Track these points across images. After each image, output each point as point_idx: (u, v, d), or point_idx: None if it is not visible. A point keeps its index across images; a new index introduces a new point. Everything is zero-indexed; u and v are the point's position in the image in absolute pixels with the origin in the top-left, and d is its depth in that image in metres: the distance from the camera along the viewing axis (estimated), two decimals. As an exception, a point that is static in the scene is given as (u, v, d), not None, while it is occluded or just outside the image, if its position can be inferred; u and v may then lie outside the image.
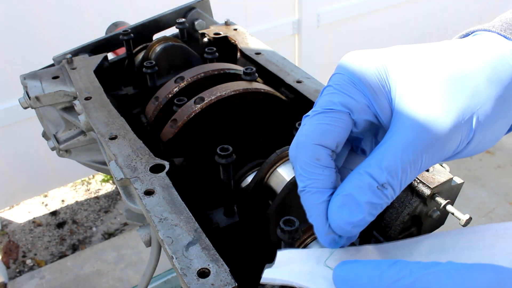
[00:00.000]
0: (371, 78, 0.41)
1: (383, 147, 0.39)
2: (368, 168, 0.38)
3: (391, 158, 0.38)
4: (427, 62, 0.41)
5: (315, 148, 0.40)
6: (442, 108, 0.39)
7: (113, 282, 2.16)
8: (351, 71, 0.41)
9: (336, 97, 0.41)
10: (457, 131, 0.39)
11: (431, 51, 0.43)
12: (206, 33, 1.04)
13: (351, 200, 0.38)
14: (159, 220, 0.55)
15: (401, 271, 0.33)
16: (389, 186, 0.38)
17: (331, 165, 0.40)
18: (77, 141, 0.95)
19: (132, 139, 0.72)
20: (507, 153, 2.85)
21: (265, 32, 2.73)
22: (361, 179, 0.38)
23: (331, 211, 0.39)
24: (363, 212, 0.38)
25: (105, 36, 1.06)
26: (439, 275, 0.32)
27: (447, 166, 0.66)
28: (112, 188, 2.70)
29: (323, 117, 0.40)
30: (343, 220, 0.38)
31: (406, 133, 0.38)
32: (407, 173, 0.38)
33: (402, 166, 0.38)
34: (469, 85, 0.40)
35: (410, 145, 0.38)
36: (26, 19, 2.02)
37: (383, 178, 0.37)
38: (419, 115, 0.39)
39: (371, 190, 0.37)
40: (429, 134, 0.38)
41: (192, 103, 0.75)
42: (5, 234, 2.44)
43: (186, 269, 0.48)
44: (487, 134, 0.41)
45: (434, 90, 0.40)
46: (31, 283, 2.16)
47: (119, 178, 0.63)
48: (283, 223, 0.48)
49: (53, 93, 0.87)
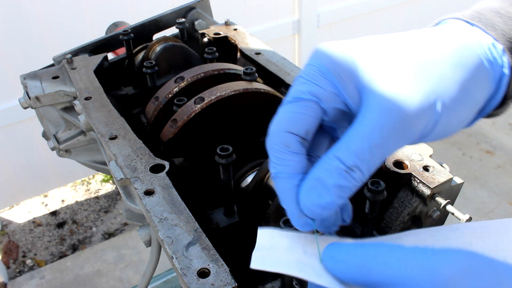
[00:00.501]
0: (340, 66, 0.42)
1: (351, 130, 0.40)
2: (336, 152, 0.39)
3: (358, 141, 0.39)
4: (395, 49, 0.43)
5: (285, 135, 0.41)
6: (409, 92, 0.40)
7: (113, 282, 2.16)
8: (320, 61, 0.43)
9: (305, 86, 0.42)
10: (423, 113, 0.40)
11: (399, 39, 0.44)
12: (206, 33, 1.04)
13: (320, 183, 0.39)
14: (159, 220, 0.55)
15: (383, 250, 0.35)
16: (357, 169, 0.38)
17: (301, 151, 0.42)
18: (77, 141, 0.95)
19: (132, 139, 0.72)
20: (507, 153, 2.85)
21: (265, 32, 2.73)
22: (330, 163, 0.39)
23: (301, 194, 0.40)
24: (331, 195, 0.39)
25: (105, 36, 1.06)
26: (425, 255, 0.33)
27: (447, 166, 0.66)
28: (112, 188, 2.70)
29: (292, 106, 0.42)
30: (313, 203, 0.39)
31: (373, 116, 0.39)
32: (374, 156, 0.39)
33: (370, 149, 0.38)
34: (435, 70, 0.41)
35: (377, 128, 0.39)
36: (26, 19, 2.02)
37: (351, 161, 0.38)
38: (386, 97, 0.39)
39: (339, 173, 0.38)
40: (396, 117, 0.39)
41: (192, 103, 0.75)
42: (5, 234, 2.44)
43: (186, 269, 0.48)
44: (453, 117, 0.42)
45: (400, 75, 0.41)
46: (31, 283, 2.16)
47: (119, 178, 0.63)
48: (283, 223, 0.48)
49: (53, 93, 0.87)
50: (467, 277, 0.31)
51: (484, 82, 0.44)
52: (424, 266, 0.32)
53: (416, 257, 0.33)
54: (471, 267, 0.31)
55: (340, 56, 0.43)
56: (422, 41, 0.44)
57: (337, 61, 0.42)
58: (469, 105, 0.43)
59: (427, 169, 0.64)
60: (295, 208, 0.41)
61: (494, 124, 3.08)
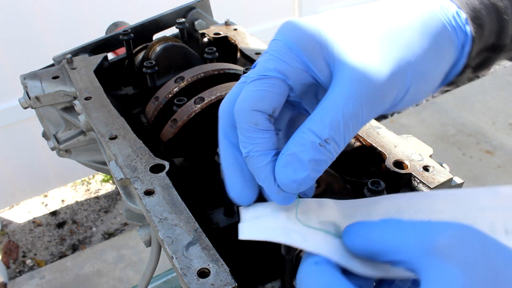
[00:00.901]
0: (307, 40, 0.42)
1: (325, 103, 0.40)
2: (310, 125, 0.39)
3: (332, 113, 0.39)
4: (362, 19, 0.44)
5: (252, 113, 0.41)
6: (379, 60, 0.41)
7: (113, 282, 2.16)
8: (287, 37, 0.42)
9: (271, 63, 0.42)
10: (394, 81, 0.41)
11: (366, 9, 0.45)
12: (206, 33, 1.04)
13: (294, 159, 0.39)
14: (159, 220, 0.55)
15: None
16: (332, 141, 0.39)
17: (270, 128, 0.42)
18: (77, 141, 0.95)
19: (132, 139, 0.72)
20: (507, 153, 2.85)
21: (265, 32, 2.73)
22: (304, 137, 0.39)
23: (277, 170, 0.40)
24: (307, 170, 0.39)
25: (105, 36, 1.06)
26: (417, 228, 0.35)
27: (447, 166, 0.66)
28: (112, 188, 2.70)
29: (258, 83, 0.41)
30: (289, 178, 0.39)
31: (345, 86, 0.40)
32: (349, 127, 0.39)
33: (344, 119, 0.39)
34: (403, 38, 0.42)
35: (350, 98, 0.39)
36: (26, 19, 2.02)
37: (326, 134, 0.39)
38: (357, 68, 0.40)
39: (314, 147, 0.39)
40: (368, 85, 0.39)
41: (192, 103, 0.75)
42: (5, 234, 2.44)
43: (186, 269, 0.48)
44: (421, 84, 0.43)
45: (369, 45, 0.42)
46: (31, 283, 2.16)
47: (119, 178, 0.63)
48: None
49: (53, 93, 0.87)
50: (457, 246, 0.32)
51: (448, 49, 0.45)
52: (418, 236, 0.34)
53: (415, 228, 0.35)
54: (461, 238, 0.32)
55: (308, 30, 0.42)
56: (388, 10, 0.45)
57: (304, 36, 0.42)
58: (435, 72, 0.44)
59: (427, 169, 0.64)
60: (272, 184, 0.41)
61: (494, 124, 3.09)
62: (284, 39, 0.42)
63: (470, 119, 3.13)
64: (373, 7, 0.46)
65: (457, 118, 3.14)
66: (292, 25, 0.43)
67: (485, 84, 3.50)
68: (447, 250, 0.32)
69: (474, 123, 3.09)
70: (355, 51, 0.41)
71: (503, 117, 3.14)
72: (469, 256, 0.31)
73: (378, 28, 0.43)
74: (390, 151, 0.66)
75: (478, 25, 0.46)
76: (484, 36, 0.47)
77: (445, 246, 0.32)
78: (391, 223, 0.37)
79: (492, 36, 0.48)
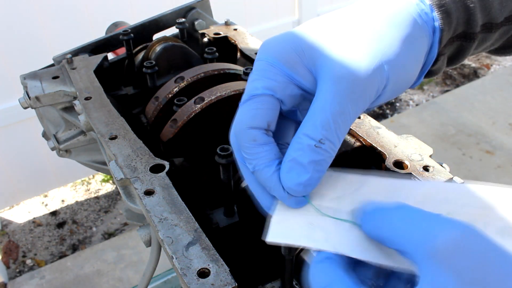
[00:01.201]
0: (285, 53, 0.45)
1: (313, 106, 0.42)
2: (304, 130, 0.42)
3: (321, 114, 0.41)
4: (333, 22, 0.46)
5: (249, 131, 0.43)
6: (356, 56, 0.43)
7: (113, 282, 2.16)
8: (267, 55, 0.45)
9: (257, 82, 0.45)
10: (373, 74, 0.43)
11: (335, 13, 0.48)
12: (206, 33, 1.04)
13: (295, 163, 0.41)
14: (159, 220, 0.55)
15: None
16: (327, 141, 0.41)
17: (269, 141, 0.44)
18: (77, 141, 0.95)
19: (132, 139, 0.72)
20: (507, 153, 2.85)
21: (265, 32, 2.73)
22: (300, 142, 0.42)
23: (282, 178, 0.42)
24: (308, 172, 0.41)
25: (105, 36, 1.06)
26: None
27: (447, 166, 0.66)
28: (112, 188, 2.70)
29: (249, 103, 0.44)
30: (294, 182, 0.42)
31: (328, 87, 0.42)
32: (339, 124, 0.42)
33: (333, 118, 0.41)
34: (374, 31, 0.45)
35: (334, 97, 0.41)
36: (26, 19, 2.02)
37: (319, 135, 0.41)
38: (336, 67, 0.42)
39: (311, 149, 0.41)
40: (349, 82, 0.42)
41: (192, 103, 0.75)
42: (5, 234, 2.44)
43: (186, 269, 0.48)
44: (400, 74, 0.45)
45: (344, 43, 0.44)
46: (31, 283, 2.16)
47: (119, 178, 0.63)
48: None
49: (53, 93, 0.87)
50: (456, 253, 0.33)
51: (420, 37, 0.47)
52: (424, 232, 0.35)
53: (422, 221, 0.35)
54: (461, 245, 0.33)
55: (284, 44, 0.45)
56: (358, 9, 0.47)
57: (282, 50, 0.45)
58: (411, 61, 0.46)
59: (427, 169, 0.64)
60: (282, 191, 0.43)
61: (494, 124, 3.09)
62: (265, 57, 0.45)
63: (470, 119, 3.13)
64: (344, 10, 0.48)
65: (457, 118, 3.14)
66: (269, 44, 0.46)
67: (485, 84, 3.50)
68: (445, 256, 0.33)
69: (474, 123, 3.10)
70: (331, 52, 0.43)
71: (503, 117, 3.14)
72: (465, 266, 0.32)
73: (349, 27, 0.45)
74: (390, 151, 0.66)
75: (444, 12, 0.47)
76: (453, 23, 0.48)
77: (444, 251, 0.33)
78: (402, 211, 0.37)
79: (460, 23, 0.49)
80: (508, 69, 3.69)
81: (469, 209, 0.42)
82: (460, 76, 3.64)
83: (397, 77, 0.45)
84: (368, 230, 0.40)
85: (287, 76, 0.44)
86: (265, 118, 0.43)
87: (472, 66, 3.75)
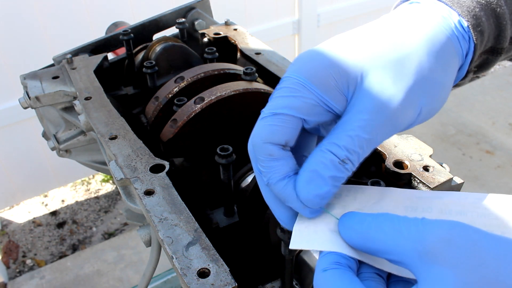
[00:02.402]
0: (320, 74, 0.44)
1: (342, 126, 0.43)
2: (329, 146, 0.42)
3: (348, 138, 0.42)
4: (370, 45, 0.45)
5: (266, 146, 0.43)
6: (391, 88, 0.43)
7: (113, 282, 2.16)
8: (299, 73, 0.44)
9: (284, 100, 0.44)
10: (408, 105, 0.43)
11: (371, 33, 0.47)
12: (206, 33, 1.04)
13: (316, 175, 0.42)
14: (159, 220, 0.55)
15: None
16: (349, 161, 0.42)
17: (285, 155, 0.44)
18: (77, 141, 0.95)
19: (132, 139, 0.72)
20: (507, 153, 2.85)
21: (265, 32, 2.73)
22: (324, 156, 0.42)
23: (299, 187, 0.43)
24: (328, 185, 0.42)
25: (105, 36, 1.06)
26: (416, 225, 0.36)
27: (447, 166, 0.66)
28: (112, 188, 2.70)
29: (269, 119, 0.44)
30: (312, 194, 0.42)
31: (362, 116, 0.42)
32: (364, 149, 0.42)
33: (359, 144, 0.42)
34: (412, 62, 0.44)
35: (366, 126, 0.42)
36: (26, 19, 2.02)
37: (342, 155, 0.42)
38: (374, 98, 0.43)
39: (333, 165, 0.42)
40: (384, 115, 0.42)
41: (192, 103, 0.75)
42: (5, 234, 2.44)
43: (186, 269, 0.48)
44: (434, 100, 0.45)
45: (381, 72, 0.44)
46: (31, 283, 2.16)
47: (119, 178, 0.63)
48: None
49: (53, 93, 0.87)
50: (446, 248, 0.33)
51: (454, 61, 0.47)
52: (412, 237, 0.35)
53: (408, 228, 0.36)
54: (450, 239, 0.34)
55: (319, 63, 0.44)
56: (394, 32, 0.46)
57: (316, 70, 0.44)
58: (444, 85, 0.46)
59: (427, 169, 0.64)
60: (298, 202, 0.43)
61: (494, 124, 3.09)
62: (296, 75, 0.44)
63: (470, 119, 3.13)
64: (378, 28, 0.47)
65: (457, 118, 3.14)
66: (303, 60, 0.45)
67: (485, 84, 3.50)
68: (438, 252, 0.33)
69: (474, 123, 3.09)
70: (368, 80, 0.43)
71: (503, 117, 3.14)
72: (459, 257, 0.33)
73: (387, 54, 0.44)
74: (390, 151, 0.66)
75: (479, 32, 0.47)
76: (484, 41, 0.48)
77: (436, 249, 0.33)
78: (386, 220, 0.38)
79: (490, 39, 0.49)
80: (508, 69, 3.69)
81: (486, 220, 0.42)
82: (460, 76, 3.64)
83: (430, 104, 0.45)
84: (353, 241, 0.40)
85: (318, 98, 0.44)
86: (284, 136, 0.43)
87: (472, 66, 3.74)
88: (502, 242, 0.33)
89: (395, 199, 0.46)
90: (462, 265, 0.32)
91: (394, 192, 0.47)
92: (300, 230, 0.45)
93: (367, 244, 0.38)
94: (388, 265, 0.40)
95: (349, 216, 0.42)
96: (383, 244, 0.37)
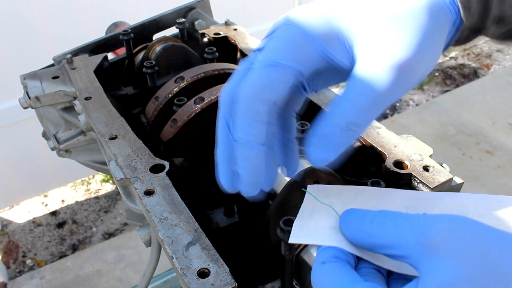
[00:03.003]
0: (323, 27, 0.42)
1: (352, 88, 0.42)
2: (339, 109, 0.42)
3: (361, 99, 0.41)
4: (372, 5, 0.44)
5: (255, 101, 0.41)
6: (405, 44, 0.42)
7: (113, 282, 2.16)
8: (300, 22, 0.42)
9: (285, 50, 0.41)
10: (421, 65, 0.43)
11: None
12: (206, 33, 1.04)
13: (324, 139, 0.42)
14: (159, 220, 0.55)
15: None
16: (357, 125, 0.42)
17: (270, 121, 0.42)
18: (77, 141, 0.95)
19: (132, 139, 0.72)
20: (507, 153, 2.85)
21: (265, 32, 2.72)
22: (332, 120, 0.42)
23: (310, 150, 0.43)
24: (335, 148, 0.42)
25: (105, 36, 1.06)
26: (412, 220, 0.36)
27: (447, 166, 0.66)
28: (112, 188, 2.70)
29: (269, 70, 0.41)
30: (321, 157, 0.43)
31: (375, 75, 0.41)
32: (375, 112, 0.42)
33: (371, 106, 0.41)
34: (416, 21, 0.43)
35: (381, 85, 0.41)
36: (26, 19, 2.02)
37: (353, 117, 0.41)
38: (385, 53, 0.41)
39: (342, 129, 0.41)
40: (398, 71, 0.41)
41: (192, 103, 0.75)
42: (5, 234, 2.44)
43: (186, 269, 0.48)
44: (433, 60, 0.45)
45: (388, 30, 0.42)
46: (31, 283, 2.16)
47: (119, 178, 0.63)
48: (283, 223, 0.48)
49: (53, 93, 0.87)
50: (448, 239, 0.33)
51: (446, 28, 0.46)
52: (413, 230, 0.35)
53: (410, 222, 0.36)
54: (452, 230, 0.33)
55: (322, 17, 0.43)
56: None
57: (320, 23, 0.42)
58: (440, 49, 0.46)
59: (427, 169, 0.64)
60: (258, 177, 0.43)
61: (494, 124, 3.09)
62: (297, 24, 0.42)
63: (470, 119, 3.13)
64: None
65: (457, 118, 3.14)
66: (303, 11, 0.43)
67: (485, 84, 3.50)
68: (440, 244, 0.33)
69: (474, 123, 3.09)
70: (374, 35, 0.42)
71: (503, 117, 3.14)
72: (461, 248, 0.32)
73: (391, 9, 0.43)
74: (390, 151, 0.66)
75: (467, 8, 0.47)
76: (469, 18, 0.48)
77: (438, 240, 0.33)
78: (388, 216, 0.38)
79: (475, 17, 0.49)
80: (508, 69, 3.69)
81: (487, 221, 0.42)
82: (460, 76, 3.64)
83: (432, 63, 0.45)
84: (354, 237, 0.40)
85: (321, 51, 0.42)
86: (278, 93, 0.41)
87: (472, 66, 3.75)
88: (504, 235, 0.33)
89: (396, 200, 0.47)
90: (464, 255, 0.32)
91: (395, 193, 0.48)
92: (301, 225, 0.45)
93: (368, 239, 0.38)
94: (388, 262, 0.40)
95: (350, 213, 0.42)
96: (385, 238, 0.37)
